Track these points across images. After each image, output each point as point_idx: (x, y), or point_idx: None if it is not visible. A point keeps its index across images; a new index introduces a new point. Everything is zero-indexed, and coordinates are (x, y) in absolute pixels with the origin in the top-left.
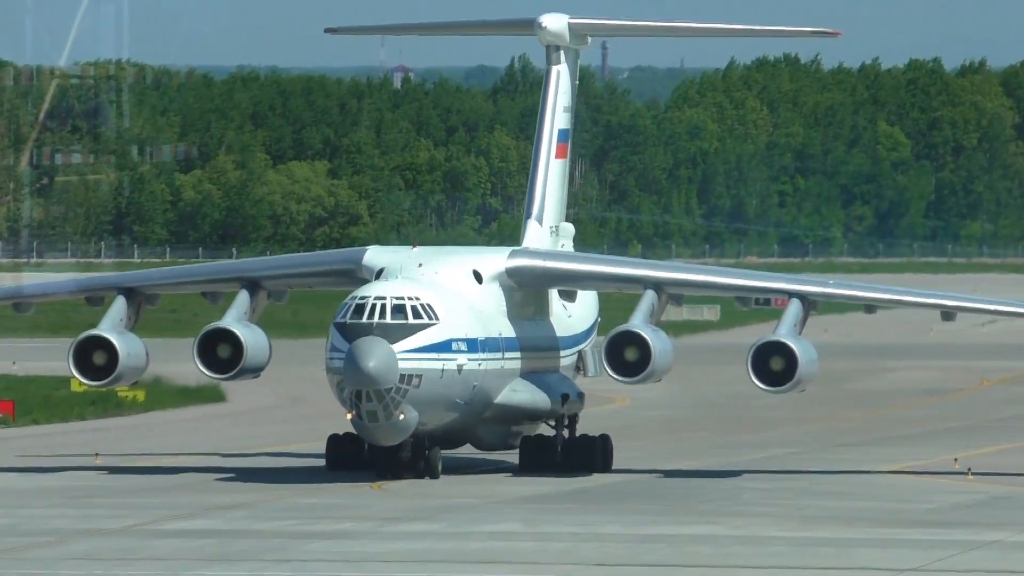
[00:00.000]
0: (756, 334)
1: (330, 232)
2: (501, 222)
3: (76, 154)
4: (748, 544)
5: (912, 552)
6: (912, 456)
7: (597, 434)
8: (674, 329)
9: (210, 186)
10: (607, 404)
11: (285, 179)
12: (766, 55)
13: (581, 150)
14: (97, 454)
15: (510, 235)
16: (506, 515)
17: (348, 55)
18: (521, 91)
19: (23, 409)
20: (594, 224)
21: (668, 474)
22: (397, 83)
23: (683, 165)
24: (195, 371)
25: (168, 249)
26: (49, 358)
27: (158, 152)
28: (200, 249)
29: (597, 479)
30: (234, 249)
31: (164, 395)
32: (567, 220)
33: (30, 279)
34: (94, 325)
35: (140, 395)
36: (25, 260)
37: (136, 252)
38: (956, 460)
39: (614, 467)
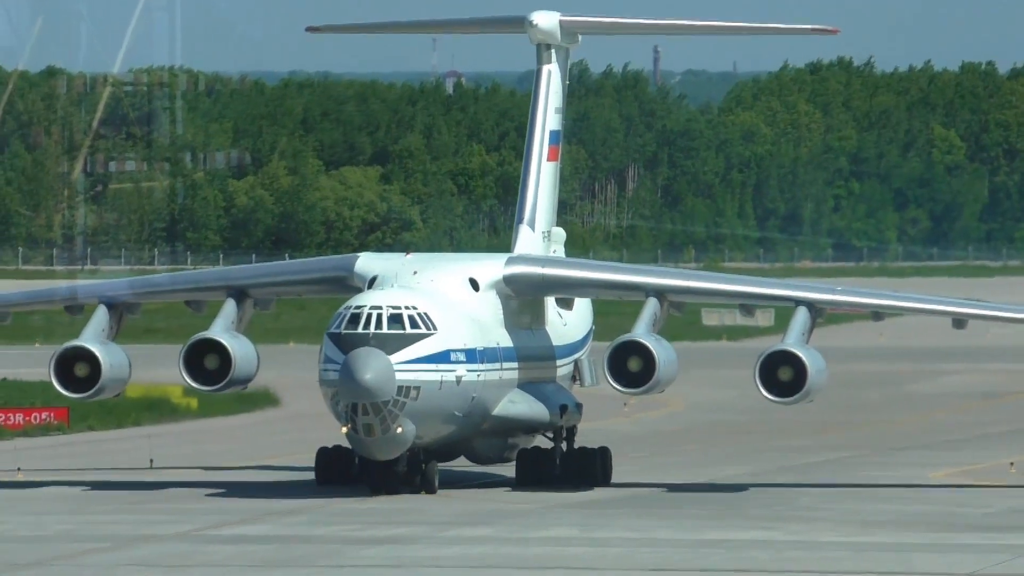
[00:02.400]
0: (814, 339)
1: (383, 237)
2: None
3: (130, 161)
4: (805, 549)
5: (969, 556)
6: (968, 460)
7: (596, 446)
8: (729, 334)
9: (263, 192)
10: (661, 408)
11: (338, 184)
12: (819, 58)
13: (634, 155)
14: (151, 460)
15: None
16: (562, 520)
17: (400, 60)
18: (576, 95)
19: (78, 415)
20: (648, 230)
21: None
22: (449, 88)
23: (736, 169)
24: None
25: (221, 255)
26: None
27: (211, 158)
28: (253, 255)
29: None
30: (287, 255)
31: (218, 401)
32: (617, 224)
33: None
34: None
35: (193, 402)
36: (79, 267)
37: (189, 258)
38: (1012, 464)
39: (613, 480)
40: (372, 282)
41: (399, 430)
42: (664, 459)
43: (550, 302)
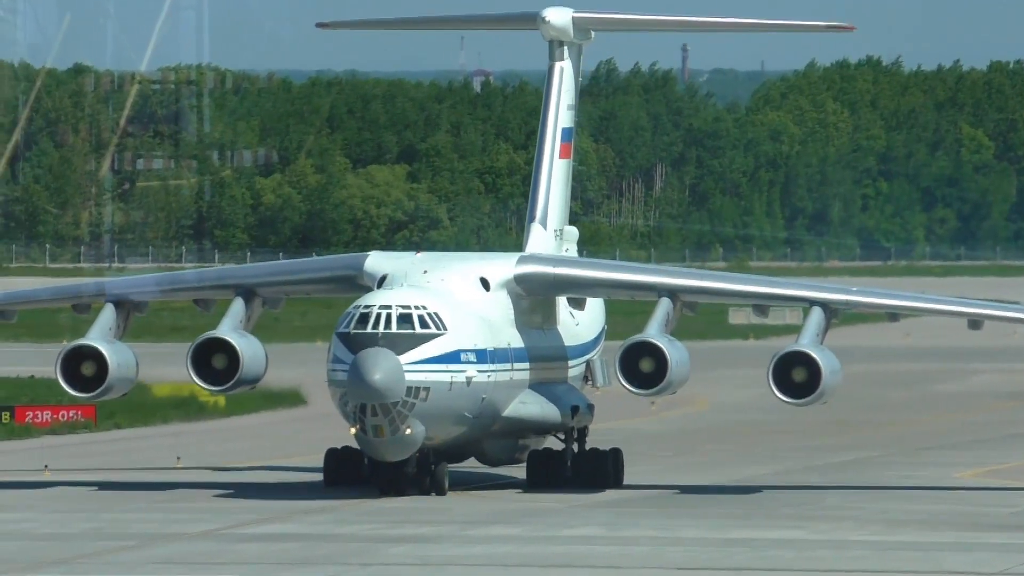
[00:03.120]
0: (837, 337)
1: (410, 236)
2: (580, 225)
3: (157, 159)
4: (830, 548)
5: (995, 555)
6: (994, 460)
7: (608, 448)
8: (756, 333)
9: (290, 190)
10: (687, 408)
11: (365, 183)
12: (846, 57)
13: (661, 153)
14: (179, 458)
15: (590, 238)
16: (588, 519)
17: (427, 59)
18: (604, 94)
19: (105, 413)
20: (676, 229)
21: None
22: (477, 87)
23: (763, 168)
24: (276, 375)
25: (249, 253)
26: None
27: (238, 156)
28: (281, 253)
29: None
30: (314, 253)
31: (245, 399)
32: (649, 223)
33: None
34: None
35: (221, 399)
36: (107, 264)
37: (217, 256)
38: None
39: (625, 483)
40: (382, 281)
41: (408, 431)
42: (689, 459)
43: (562, 302)
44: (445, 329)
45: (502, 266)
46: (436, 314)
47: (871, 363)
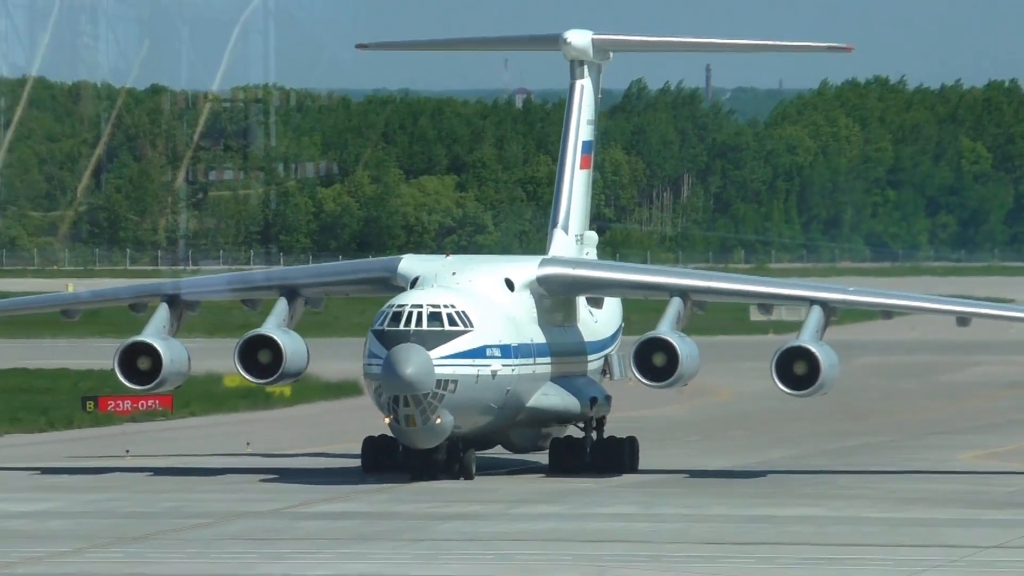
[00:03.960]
0: (849, 332)
1: (458, 240)
2: (613, 231)
3: (228, 171)
4: (845, 524)
5: (994, 531)
6: (993, 444)
7: (624, 436)
8: (775, 328)
9: (349, 199)
10: (712, 397)
11: (417, 192)
12: (857, 77)
13: (688, 165)
14: (248, 443)
15: (622, 242)
16: (622, 498)
17: (473, 78)
18: (636, 110)
19: (181, 402)
20: (701, 233)
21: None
22: (519, 104)
23: (781, 178)
24: (338, 367)
25: (311, 256)
26: (203, 357)
27: (302, 168)
28: (340, 256)
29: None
30: (371, 255)
31: (309, 390)
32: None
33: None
34: (257, 325)
35: (287, 390)
36: (182, 267)
37: (282, 259)
38: None
39: (640, 468)
40: (414, 282)
41: (438, 421)
42: (715, 443)
43: (581, 301)
44: (472, 326)
45: (526, 268)
46: (464, 312)
47: (881, 355)
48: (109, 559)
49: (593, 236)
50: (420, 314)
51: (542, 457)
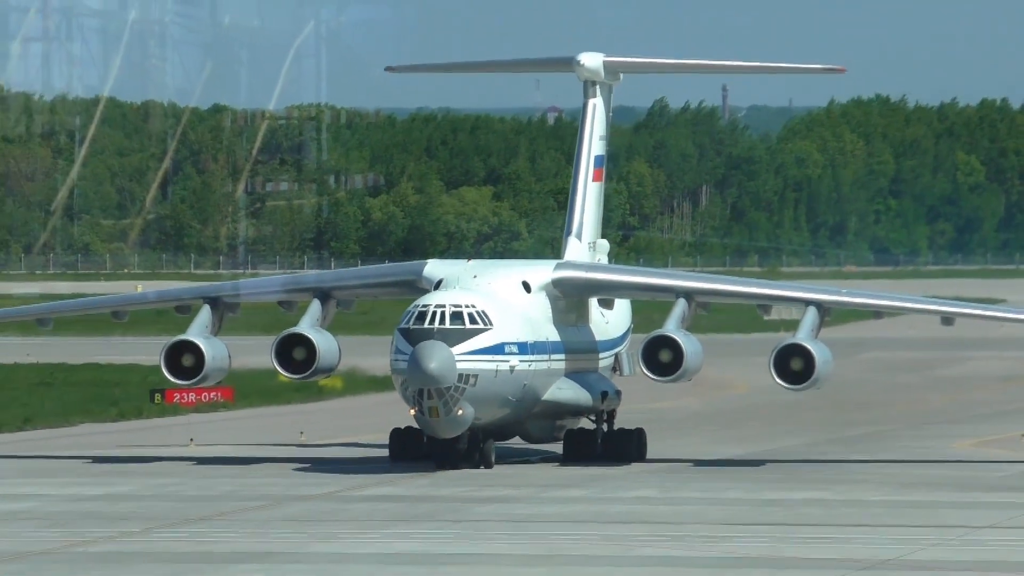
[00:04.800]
0: (851, 331)
1: (495, 246)
2: (637, 237)
3: (283, 182)
4: (852, 506)
5: (987, 512)
6: (987, 432)
7: (633, 427)
8: (786, 327)
9: (394, 208)
10: (728, 390)
11: (456, 202)
12: (860, 95)
13: (706, 177)
14: (302, 433)
15: (645, 248)
16: (644, 482)
17: (508, 98)
18: (658, 127)
19: (241, 395)
20: (718, 240)
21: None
22: (551, 121)
23: (791, 189)
24: (385, 363)
25: (360, 261)
26: (260, 353)
27: (351, 180)
28: (386, 261)
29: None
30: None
31: (359, 383)
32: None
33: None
34: (294, 323)
35: (338, 383)
36: (241, 271)
37: (332, 264)
38: (1023, 436)
39: (648, 457)
40: (438, 285)
41: (460, 412)
42: (731, 432)
43: (593, 302)
44: (491, 325)
45: (542, 272)
46: (484, 312)
47: (881, 352)
48: (175, 538)
49: (604, 244)
50: (443, 313)
51: (556, 447)
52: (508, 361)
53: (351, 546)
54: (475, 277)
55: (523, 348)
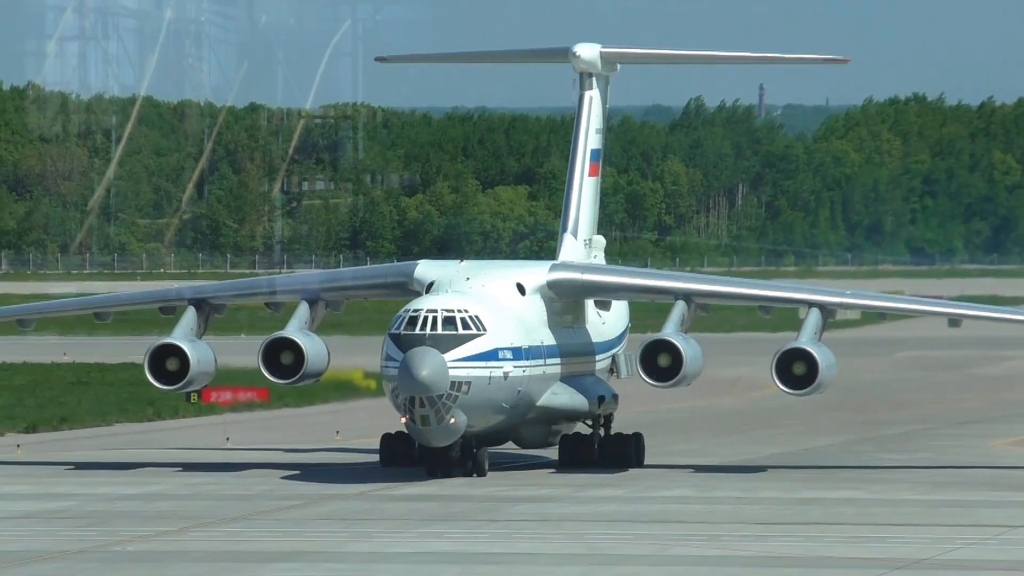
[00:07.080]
0: (887, 330)
1: (531, 245)
2: (673, 237)
3: (319, 182)
4: (885, 506)
5: (1023, 511)
6: (1023, 431)
7: (630, 432)
8: (850, 325)
9: (430, 207)
10: (763, 389)
11: (492, 201)
12: (897, 95)
13: (742, 176)
14: (337, 432)
15: (680, 248)
16: (680, 482)
17: (543, 97)
18: (694, 126)
19: (276, 395)
20: (754, 240)
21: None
22: None
23: (828, 188)
24: None
25: (395, 260)
26: None
27: (387, 179)
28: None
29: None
30: None
31: None
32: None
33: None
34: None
35: (372, 383)
36: (277, 270)
37: (368, 262)
38: None
39: (646, 463)
40: (429, 287)
41: (452, 421)
42: (768, 432)
43: (589, 304)
44: (484, 330)
45: (536, 273)
46: (476, 317)
47: (918, 350)
48: (211, 537)
49: (601, 240)
50: (435, 318)
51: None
52: (502, 367)
53: (387, 545)
54: (467, 279)
55: (517, 353)
